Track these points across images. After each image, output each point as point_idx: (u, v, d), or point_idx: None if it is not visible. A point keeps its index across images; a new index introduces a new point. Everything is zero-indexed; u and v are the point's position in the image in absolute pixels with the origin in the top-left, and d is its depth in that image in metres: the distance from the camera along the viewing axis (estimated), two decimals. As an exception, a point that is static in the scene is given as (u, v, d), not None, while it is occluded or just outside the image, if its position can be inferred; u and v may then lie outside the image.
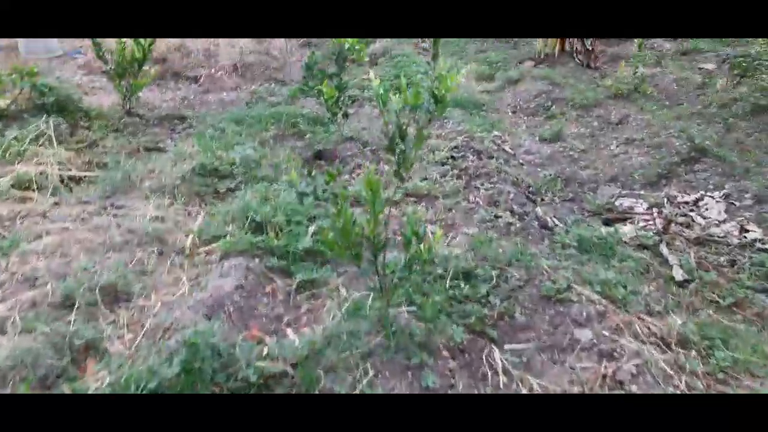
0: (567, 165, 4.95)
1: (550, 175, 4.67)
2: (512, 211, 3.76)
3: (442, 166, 4.83)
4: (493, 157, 4.93)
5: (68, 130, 5.44)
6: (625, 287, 2.95)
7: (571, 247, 3.33)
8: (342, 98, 5.32)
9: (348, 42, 5.12)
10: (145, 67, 6.47)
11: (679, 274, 3.15)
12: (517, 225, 3.55)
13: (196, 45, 9.36)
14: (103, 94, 7.22)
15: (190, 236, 3.60)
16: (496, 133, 5.72)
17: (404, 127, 2.39)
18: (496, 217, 3.67)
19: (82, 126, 5.62)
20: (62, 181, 4.50)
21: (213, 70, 8.70)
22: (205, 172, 4.45)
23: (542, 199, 4.27)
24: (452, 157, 4.89)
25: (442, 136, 5.59)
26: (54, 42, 8.72)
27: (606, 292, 2.91)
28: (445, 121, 6.13)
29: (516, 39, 12.14)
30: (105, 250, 3.41)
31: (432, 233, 3.01)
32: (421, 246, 2.41)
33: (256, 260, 3.26)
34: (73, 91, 6.63)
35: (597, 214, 4.01)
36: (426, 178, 4.62)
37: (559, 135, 5.62)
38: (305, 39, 12.06)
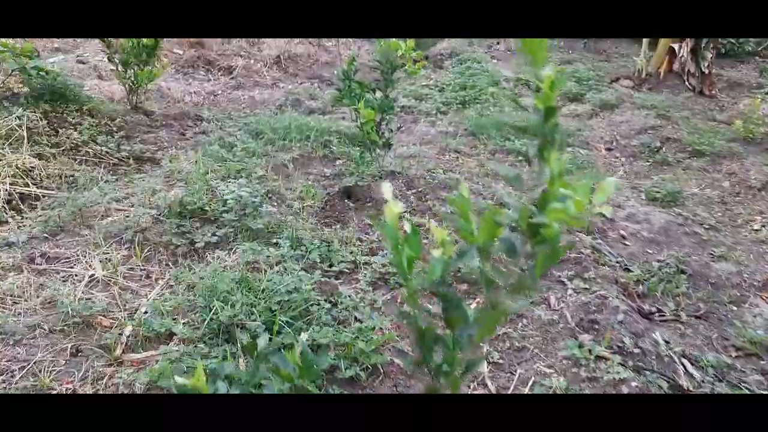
0: (691, 248, 3.47)
1: (668, 264, 3.22)
2: (621, 349, 2.37)
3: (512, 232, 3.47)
4: (584, 227, 3.53)
5: (50, 127, 4.41)
6: None
7: (729, 448, 1.92)
8: (386, 121, 4.02)
9: (402, 47, 3.81)
10: (171, 54, 5.42)
11: None
12: (633, 384, 2.16)
13: (240, 30, 8.29)
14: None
15: (128, 328, 2.43)
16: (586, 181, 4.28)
17: (454, 302, 1.08)
18: (598, 358, 2.29)
19: (69, 123, 4.58)
20: (8, 201, 3.45)
21: (252, 61, 7.59)
22: (186, 212, 3.27)
23: (660, 312, 2.84)
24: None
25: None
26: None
27: None
28: (524, 159, 4.73)
29: (609, 51, 10.45)
30: (-7, 341, 2.28)
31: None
32: None
33: (201, 400, 2.03)
34: (75, 77, 5.67)
35: (751, 356, 2.56)
36: (487, 251, 3.28)
37: (675, 196, 4.11)
38: (365, 31, 10.82)
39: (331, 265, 3.01)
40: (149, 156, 4.44)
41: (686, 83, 7.43)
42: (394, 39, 3.84)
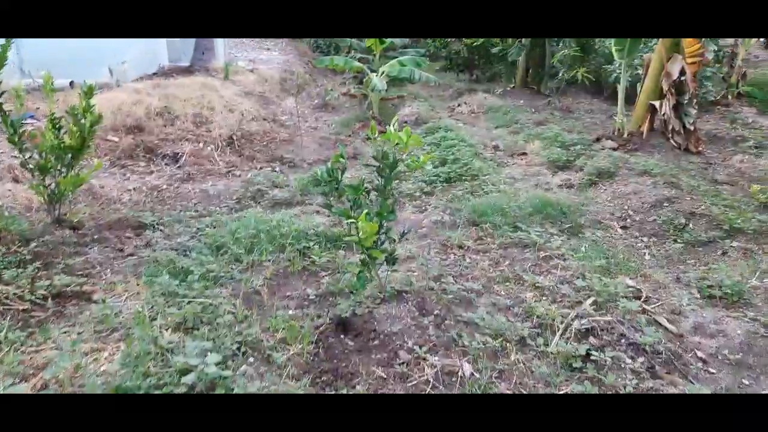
0: (795, 373, 2.73)
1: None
2: None
3: (572, 373, 2.63)
4: (660, 355, 2.73)
5: (-62, 262, 3.32)
6: None
7: None
8: (385, 229, 3.18)
9: (402, 138, 3.03)
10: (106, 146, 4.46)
11: None
12: None
13: (185, 109, 7.40)
14: (39, 181, 5.14)
15: None
16: (629, 281, 3.54)
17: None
18: None
19: (-34, 253, 3.50)
20: None
21: (201, 144, 6.68)
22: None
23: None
24: (588, 355, 2.69)
25: (548, 291, 3.41)
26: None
27: None
28: (542, 255, 3.94)
29: (573, 107, 10.18)
30: None
31: None
32: None
33: None
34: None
35: None
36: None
37: (737, 292, 3.42)
38: (321, 101, 10.15)
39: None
40: (75, 290, 3.39)
41: (671, 141, 7.05)
42: (393, 129, 3.05)
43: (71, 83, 8.21)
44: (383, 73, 8.87)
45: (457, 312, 3.21)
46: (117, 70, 8.66)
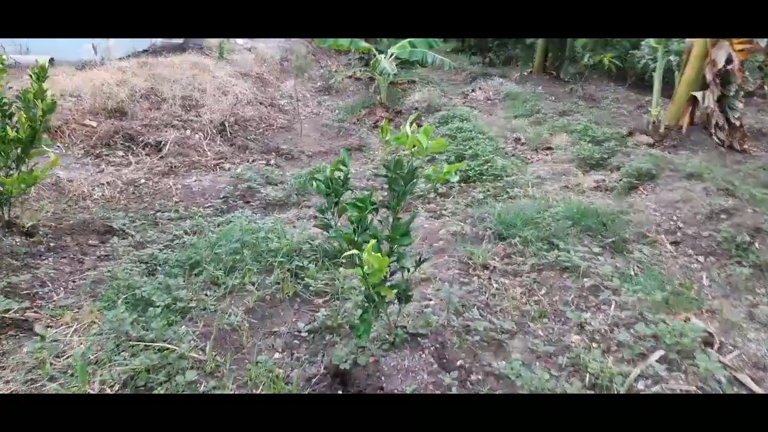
0: None
1: None
2: None
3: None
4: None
5: None
6: None
7: None
8: (396, 255, 2.49)
9: (422, 142, 2.34)
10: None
11: None
12: None
13: (173, 91, 6.69)
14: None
15: None
16: (696, 322, 2.87)
17: None
18: None
19: None
20: None
21: (189, 132, 5.99)
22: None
23: None
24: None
25: (599, 335, 2.73)
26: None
27: None
28: (588, 283, 3.25)
29: (596, 96, 9.40)
30: None
31: None
32: None
33: None
34: None
35: None
36: None
37: (834, 339, 2.75)
38: (324, 84, 9.40)
39: None
40: (15, 318, 2.75)
41: (714, 137, 6.31)
42: (410, 131, 2.37)
43: (51, 60, 7.52)
44: (392, 54, 8.12)
45: (486, 361, 2.55)
46: (101, 47, 7.94)
